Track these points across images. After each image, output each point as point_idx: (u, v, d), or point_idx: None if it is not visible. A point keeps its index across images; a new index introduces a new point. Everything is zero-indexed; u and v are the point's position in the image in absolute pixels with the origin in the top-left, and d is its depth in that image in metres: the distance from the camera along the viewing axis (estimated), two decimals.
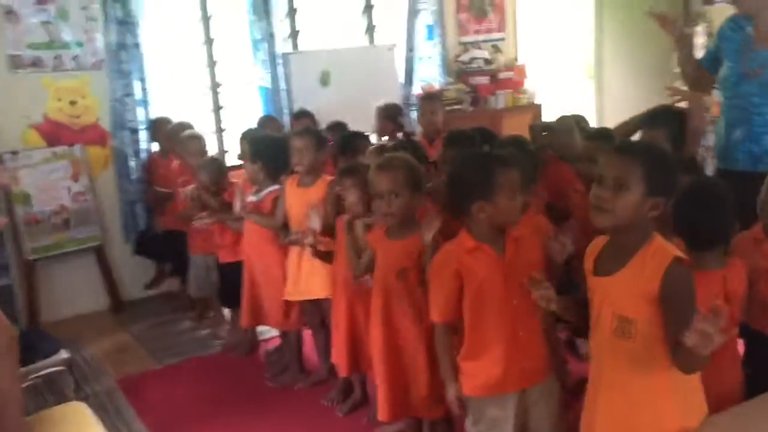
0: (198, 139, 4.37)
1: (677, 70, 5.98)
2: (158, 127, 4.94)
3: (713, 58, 3.31)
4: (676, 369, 1.74)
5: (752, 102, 2.99)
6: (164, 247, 4.82)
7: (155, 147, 5.03)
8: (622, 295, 1.80)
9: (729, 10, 3.30)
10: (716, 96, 3.62)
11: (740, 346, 2.32)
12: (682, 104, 3.27)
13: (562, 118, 3.68)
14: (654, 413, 1.80)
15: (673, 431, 1.79)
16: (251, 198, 3.58)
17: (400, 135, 4.81)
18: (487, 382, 2.22)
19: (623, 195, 1.76)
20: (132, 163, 4.97)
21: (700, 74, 3.38)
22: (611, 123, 4.14)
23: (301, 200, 3.34)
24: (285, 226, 3.43)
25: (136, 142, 4.96)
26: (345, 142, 3.62)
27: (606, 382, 1.86)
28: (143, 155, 5.01)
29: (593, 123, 5.12)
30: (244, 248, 3.68)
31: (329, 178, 3.33)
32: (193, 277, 4.38)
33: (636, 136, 3.11)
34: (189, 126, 4.62)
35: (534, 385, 2.22)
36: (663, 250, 1.77)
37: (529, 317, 2.16)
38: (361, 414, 3.30)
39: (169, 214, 4.69)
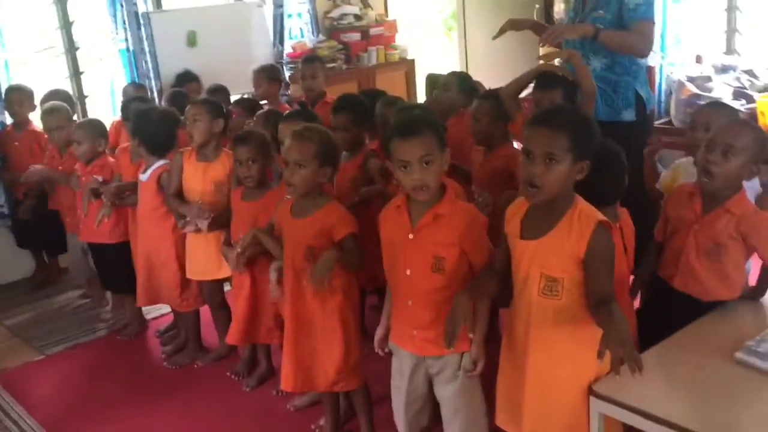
0: (57, 113, 3.95)
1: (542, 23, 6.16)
2: (10, 98, 4.50)
3: None
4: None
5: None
6: (37, 231, 4.46)
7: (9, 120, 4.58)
8: (550, 256, 1.87)
9: None
10: None
11: None
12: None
13: (449, 74, 3.75)
14: (574, 366, 1.92)
15: (589, 380, 1.92)
16: (141, 177, 3.35)
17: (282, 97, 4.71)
18: (391, 328, 2.32)
19: (554, 168, 1.81)
20: None
21: None
22: (477, 76, 4.24)
23: (205, 176, 3.21)
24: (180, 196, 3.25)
25: None
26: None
27: (533, 341, 1.94)
28: None
29: None
30: (136, 227, 3.47)
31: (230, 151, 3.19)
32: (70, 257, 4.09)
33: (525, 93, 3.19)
34: (64, 95, 4.23)
35: (431, 356, 2.21)
36: (587, 213, 1.85)
37: (421, 292, 2.14)
38: (268, 387, 3.25)
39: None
